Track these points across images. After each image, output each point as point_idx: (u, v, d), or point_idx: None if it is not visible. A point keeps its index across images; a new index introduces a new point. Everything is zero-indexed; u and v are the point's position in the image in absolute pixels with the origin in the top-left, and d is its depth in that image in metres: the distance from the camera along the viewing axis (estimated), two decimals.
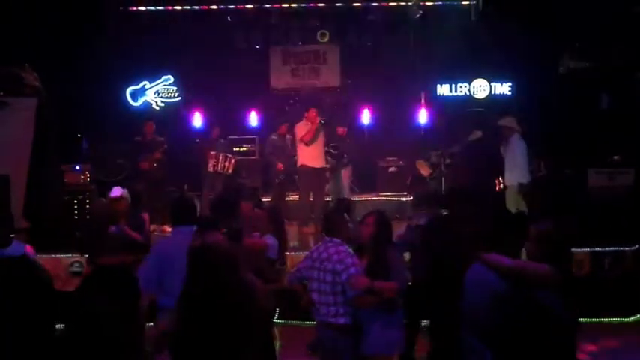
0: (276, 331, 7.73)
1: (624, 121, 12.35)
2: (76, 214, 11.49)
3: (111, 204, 8.24)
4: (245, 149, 14.05)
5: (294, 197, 12.33)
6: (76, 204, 11.43)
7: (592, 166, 11.32)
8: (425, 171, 11.92)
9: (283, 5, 14.59)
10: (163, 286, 5.56)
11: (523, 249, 4.66)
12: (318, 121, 11.29)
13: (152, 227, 11.42)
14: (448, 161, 11.56)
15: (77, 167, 12.15)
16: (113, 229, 7.73)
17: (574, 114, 12.69)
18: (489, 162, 11.14)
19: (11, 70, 12.33)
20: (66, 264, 9.63)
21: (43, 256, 8.72)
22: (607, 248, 9.60)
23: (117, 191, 8.12)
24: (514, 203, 10.01)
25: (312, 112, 11.38)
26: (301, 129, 11.29)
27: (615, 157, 11.75)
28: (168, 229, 11.46)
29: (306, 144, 11.21)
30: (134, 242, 7.23)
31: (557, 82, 13.27)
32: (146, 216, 7.96)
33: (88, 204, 11.65)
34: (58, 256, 9.68)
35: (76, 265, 9.46)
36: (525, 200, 10.10)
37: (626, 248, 9.59)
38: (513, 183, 10.44)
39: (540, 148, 12.18)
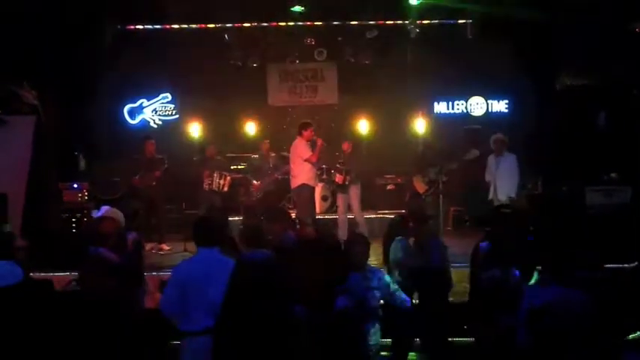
0: None
1: (621, 139, 12.39)
2: (74, 232, 11.45)
3: (95, 224, 7.54)
4: (243, 167, 14.05)
5: None
6: (74, 222, 11.39)
7: (589, 183, 11.34)
8: (421, 188, 11.91)
9: (280, 24, 14.65)
10: (186, 311, 5.32)
11: None
12: (321, 142, 11.30)
13: (149, 246, 11.43)
14: (445, 178, 11.55)
15: (75, 185, 12.14)
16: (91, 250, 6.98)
17: (571, 131, 12.72)
18: None
19: (9, 88, 12.36)
20: (64, 282, 9.58)
21: (41, 274, 8.71)
22: (605, 265, 9.57)
23: (101, 211, 7.51)
24: None
25: (310, 130, 11.39)
26: (304, 148, 11.23)
27: (612, 175, 11.75)
28: (166, 247, 11.53)
29: (313, 164, 11.21)
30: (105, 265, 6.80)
31: (554, 100, 13.31)
32: (133, 236, 7.53)
33: (86, 222, 11.63)
34: (56, 274, 9.64)
35: (74, 284, 9.40)
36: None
37: (625, 265, 9.57)
38: (503, 197, 10.66)
39: (537, 165, 12.21)
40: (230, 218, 12.36)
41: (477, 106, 14.97)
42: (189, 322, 5.25)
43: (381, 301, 5.82)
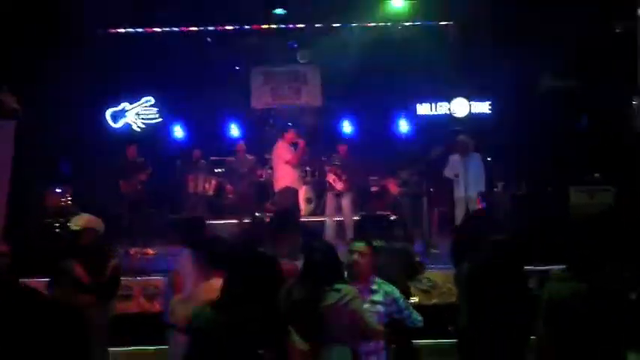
0: None
1: (604, 139, 12.48)
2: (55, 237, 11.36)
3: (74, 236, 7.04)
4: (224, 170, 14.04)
5: None
6: (57, 227, 11.30)
7: (573, 183, 11.42)
8: (394, 189, 11.97)
9: (263, 26, 14.63)
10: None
11: None
12: (303, 143, 11.32)
13: (133, 250, 11.39)
14: (414, 179, 11.64)
15: (58, 189, 12.07)
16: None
17: (554, 132, 12.79)
18: None
19: None
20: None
21: (24, 279, 8.65)
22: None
23: (79, 220, 7.01)
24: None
25: (292, 133, 11.40)
26: (285, 151, 11.25)
27: (596, 175, 11.85)
28: (151, 251, 11.48)
29: (294, 167, 11.22)
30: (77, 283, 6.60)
31: (537, 101, 13.37)
32: (114, 263, 6.88)
33: (69, 227, 11.53)
34: (38, 280, 9.57)
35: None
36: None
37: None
38: (473, 194, 11.04)
39: (521, 166, 12.28)
40: (216, 222, 12.53)
41: (459, 107, 15.00)
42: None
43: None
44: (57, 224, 11.28)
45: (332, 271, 4.73)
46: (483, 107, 15.03)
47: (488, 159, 11.46)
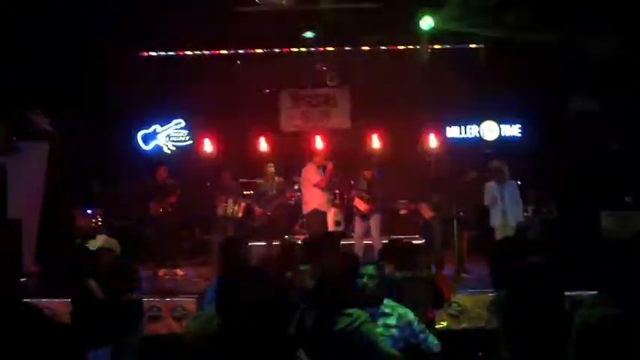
0: None
1: (635, 163, 12.32)
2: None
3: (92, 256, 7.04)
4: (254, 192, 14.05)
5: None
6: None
7: (604, 208, 11.28)
8: (427, 213, 11.88)
9: (293, 49, 14.71)
10: None
11: None
12: (331, 167, 11.34)
13: (162, 272, 11.44)
14: (446, 202, 11.54)
15: (89, 211, 12.18)
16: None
17: (584, 156, 12.66)
18: None
19: (23, 114, 12.46)
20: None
21: (54, 300, 8.72)
22: None
23: (95, 241, 7.05)
24: None
25: (321, 155, 11.42)
26: (313, 173, 11.28)
27: (627, 199, 11.70)
28: (180, 272, 11.51)
29: (322, 189, 11.24)
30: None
31: (567, 124, 13.25)
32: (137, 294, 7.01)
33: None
34: (68, 300, 9.65)
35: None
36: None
37: None
38: (513, 223, 10.70)
39: (551, 190, 12.16)
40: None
41: (489, 130, 14.94)
42: None
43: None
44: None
45: (343, 296, 4.67)
46: (513, 130, 14.96)
47: (518, 182, 11.34)
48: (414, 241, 12.60)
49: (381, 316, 5.10)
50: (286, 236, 12.16)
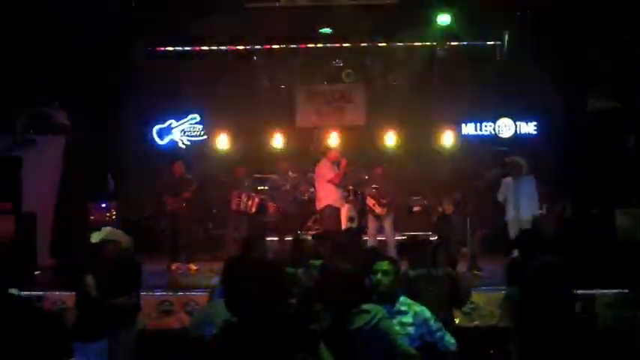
0: None
1: None
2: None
3: (96, 248, 6.89)
4: (267, 188, 14.07)
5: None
6: None
7: (619, 206, 11.20)
8: (448, 208, 11.83)
9: (309, 45, 14.70)
10: None
11: None
12: (345, 163, 11.33)
13: (175, 266, 11.48)
14: (468, 199, 11.49)
15: (103, 205, 12.23)
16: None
17: (600, 154, 12.56)
18: None
19: (40, 108, 12.54)
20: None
21: (67, 293, 8.76)
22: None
23: (98, 233, 6.90)
24: None
25: (335, 151, 11.40)
26: (328, 169, 11.27)
27: None
28: (194, 267, 11.54)
29: (336, 185, 11.25)
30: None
31: (583, 122, 13.16)
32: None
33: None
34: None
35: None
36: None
37: None
38: (527, 217, 10.65)
39: (566, 187, 12.09)
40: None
41: (505, 127, 14.87)
42: None
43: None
44: None
45: (357, 293, 4.49)
46: (529, 128, 14.88)
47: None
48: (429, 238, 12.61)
49: (396, 314, 4.94)
50: (299, 232, 12.18)
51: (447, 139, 14.08)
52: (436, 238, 12.21)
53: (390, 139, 14.34)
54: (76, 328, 6.33)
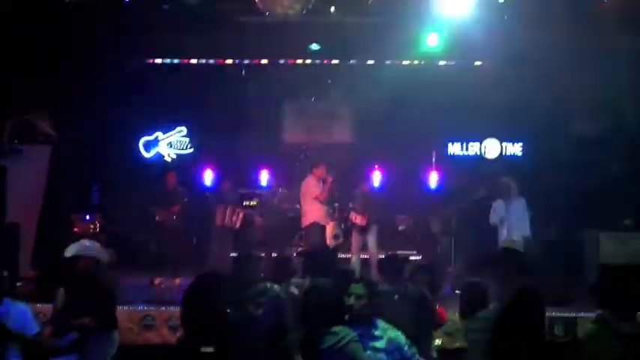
0: None
1: (636, 185, 12.30)
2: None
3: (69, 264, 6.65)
4: (255, 203, 14.02)
5: None
6: None
7: (604, 229, 11.24)
8: (435, 227, 11.86)
9: (297, 61, 14.73)
10: None
11: None
12: (330, 179, 11.33)
13: (157, 280, 11.43)
14: (455, 219, 11.52)
15: (87, 217, 12.16)
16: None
17: (585, 177, 12.62)
18: None
19: (25, 118, 12.48)
20: None
21: (48, 305, 8.68)
22: None
23: (72, 247, 6.67)
24: None
25: (321, 168, 11.40)
26: (313, 186, 11.27)
27: (626, 222, 11.66)
28: (178, 281, 11.48)
29: (322, 202, 11.24)
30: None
31: (569, 144, 13.20)
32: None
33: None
34: None
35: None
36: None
37: None
38: (518, 238, 10.57)
39: (551, 210, 12.11)
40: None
41: (491, 148, 14.93)
42: None
43: None
44: None
45: (330, 314, 4.56)
46: (515, 149, 14.93)
47: None
48: (412, 257, 12.63)
49: (370, 339, 4.90)
50: (283, 249, 12.16)
51: (433, 159, 14.12)
52: (420, 257, 12.29)
53: (376, 157, 14.35)
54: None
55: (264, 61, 14.85)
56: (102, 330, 6.46)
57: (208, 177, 14.01)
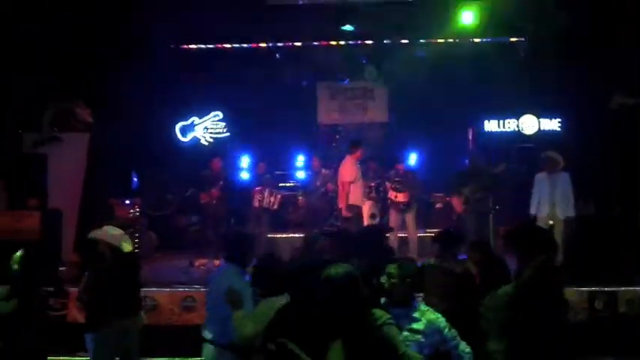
0: None
1: None
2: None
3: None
4: (291, 184, 14.10)
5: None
6: None
7: None
8: (459, 207, 11.74)
9: (331, 42, 14.71)
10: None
11: None
12: (368, 160, 11.38)
13: (198, 262, 11.57)
14: (477, 195, 11.35)
15: (127, 201, 12.32)
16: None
17: (624, 151, 12.44)
18: None
19: (64, 106, 12.66)
20: None
21: None
22: None
23: (93, 233, 6.94)
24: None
25: (360, 149, 11.37)
26: (351, 167, 11.25)
27: None
28: (217, 263, 11.60)
29: (359, 182, 11.26)
30: None
31: (608, 118, 13.03)
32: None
33: (137, 237, 11.78)
34: None
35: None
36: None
37: None
38: (562, 217, 10.52)
39: (589, 185, 11.98)
40: (279, 235, 12.66)
41: (528, 124, 14.79)
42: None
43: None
44: None
45: (352, 302, 4.15)
46: (553, 124, 14.77)
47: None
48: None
49: (408, 320, 4.86)
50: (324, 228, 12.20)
51: (469, 136, 14.03)
52: None
53: (413, 135, 14.32)
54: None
55: (297, 44, 14.82)
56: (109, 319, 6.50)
57: (245, 160, 14.11)
